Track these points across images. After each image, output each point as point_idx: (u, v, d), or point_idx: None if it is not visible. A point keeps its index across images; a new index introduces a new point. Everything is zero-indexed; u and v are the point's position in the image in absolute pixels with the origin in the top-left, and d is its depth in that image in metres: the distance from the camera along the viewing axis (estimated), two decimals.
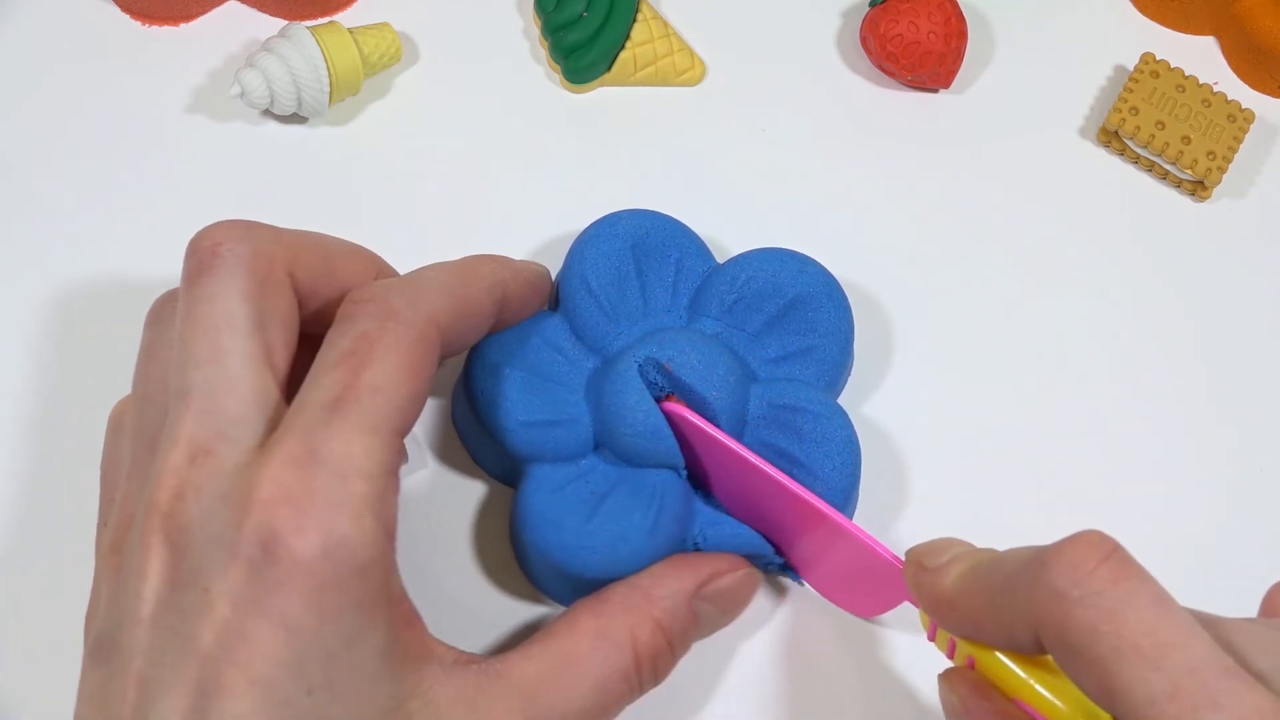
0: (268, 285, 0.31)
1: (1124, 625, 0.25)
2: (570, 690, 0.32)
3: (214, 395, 0.30)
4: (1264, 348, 0.44)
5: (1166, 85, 0.45)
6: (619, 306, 0.39)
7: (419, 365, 0.31)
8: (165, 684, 0.28)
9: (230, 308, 0.30)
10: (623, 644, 0.33)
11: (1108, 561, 0.26)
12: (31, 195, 0.44)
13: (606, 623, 0.33)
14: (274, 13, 0.47)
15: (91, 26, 0.46)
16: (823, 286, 0.40)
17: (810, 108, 0.47)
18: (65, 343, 0.42)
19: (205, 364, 0.30)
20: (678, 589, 0.34)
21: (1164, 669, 0.25)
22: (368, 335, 0.30)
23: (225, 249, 0.31)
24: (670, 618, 0.34)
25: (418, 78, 0.46)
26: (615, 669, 0.33)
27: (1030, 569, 0.27)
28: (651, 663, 0.33)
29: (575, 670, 0.32)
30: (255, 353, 0.30)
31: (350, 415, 0.29)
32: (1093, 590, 0.26)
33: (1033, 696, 0.28)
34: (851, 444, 0.38)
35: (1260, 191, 0.46)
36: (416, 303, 0.32)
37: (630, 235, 0.40)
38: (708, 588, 0.35)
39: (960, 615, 0.29)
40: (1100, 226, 0.46)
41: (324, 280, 0.33)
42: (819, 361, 0.39)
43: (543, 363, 0.38)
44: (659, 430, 0.37)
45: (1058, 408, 0.43)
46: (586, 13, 0.45)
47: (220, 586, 0.28)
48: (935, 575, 0.30)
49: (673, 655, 0.34)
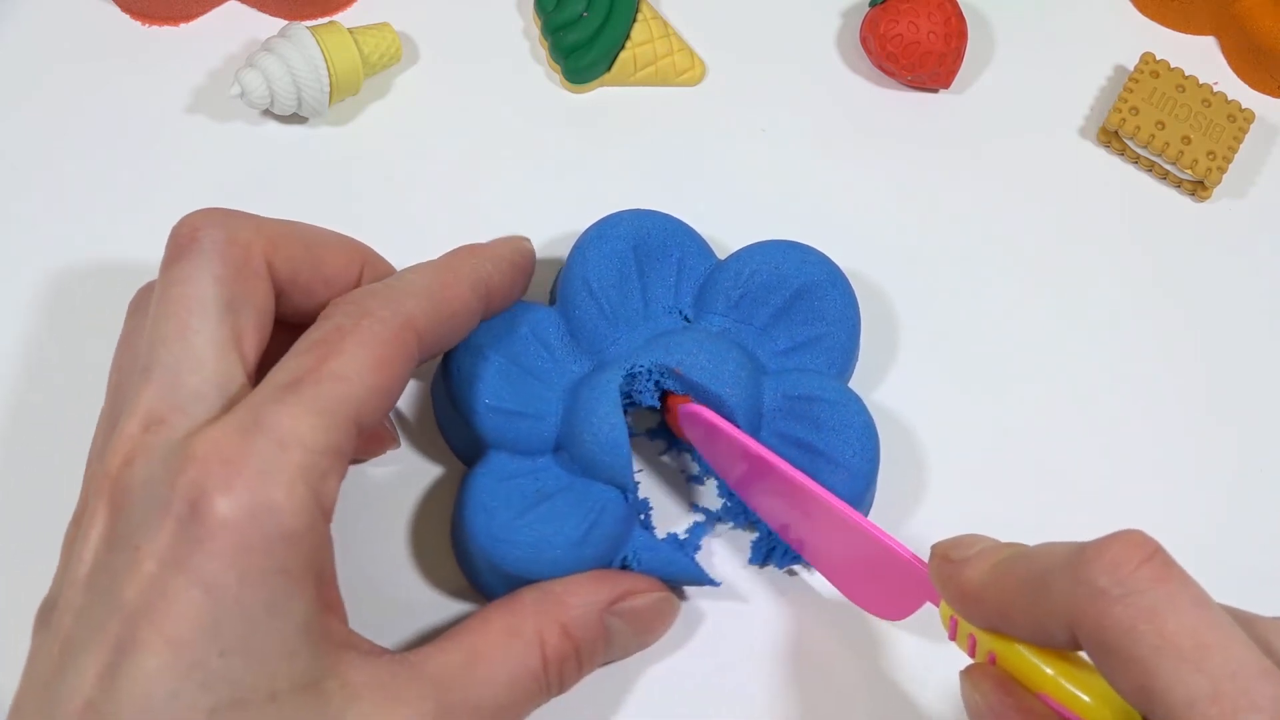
0: (242, 271, 0.32)
1: (1165, 625, 0.25)
2: (481, 683, 0.32)
3: (176, 371, 0.30)
4: (1264, 347, 0.44)
5: (1166, 85, 0.45)
6: (619, 310, 0.39)
7: (388, 363, 0.31)
8: (87, 642, 0.28)
9: (201, 290, 0.31)
10: (531, 643, 0.33)
11: (1150, 562, 0.26)
12: (31, 195, 0.44)
13: (517, 622, 0.33)
14: (274, 13, 0.47)
15: (91, 26, 0.46)
16: (827, 275, 0.40)
17: (810, 108, 0.47)
18: (65, 342, 0.42)
19: (171, 342, 0.31)
20: (590, 600, 0.34)
21: (1205, 671, 0.25)
22: (341, 328, 0.31)
23: (202, 234, 0.32)
24: (579, 626, 0.34)
25: (418, 78, 0.46)
26: (525, 667, 0.33)
27: (1069, 564, 0.27)
28: (558, 666, 0.33)
29: (486, 665, 0.32)
30: (222, 335, 0.31)
31: (304, 395, 0.29)
32: (1134, 589, 0.26)
33: (1057, 690, 0.28)
34: (870, 429, 0.38)
35: (1260, 191, 0.46)
36: (394, 304, 0.32)
37: (632, 236, 0.40)
38: (621, 604, 0.35)
39: (988, 608, 0.29)
40: (1100, 226, 0.46)
41: (306, 270, 0.33)
42: (829, 349, 0.40)
43: (526, 355, 0.39)
44: (618, 445, 0.37)
45: (1058, 407, 0.43)
46: (586, 13, 0.45)
47: (149, 544, 0.28)
48: (962, 567, 0.30)
49: (579, 665, 0.34)
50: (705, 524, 0.40)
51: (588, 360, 0.39)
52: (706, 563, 0.40)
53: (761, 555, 0.40)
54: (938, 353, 0.43)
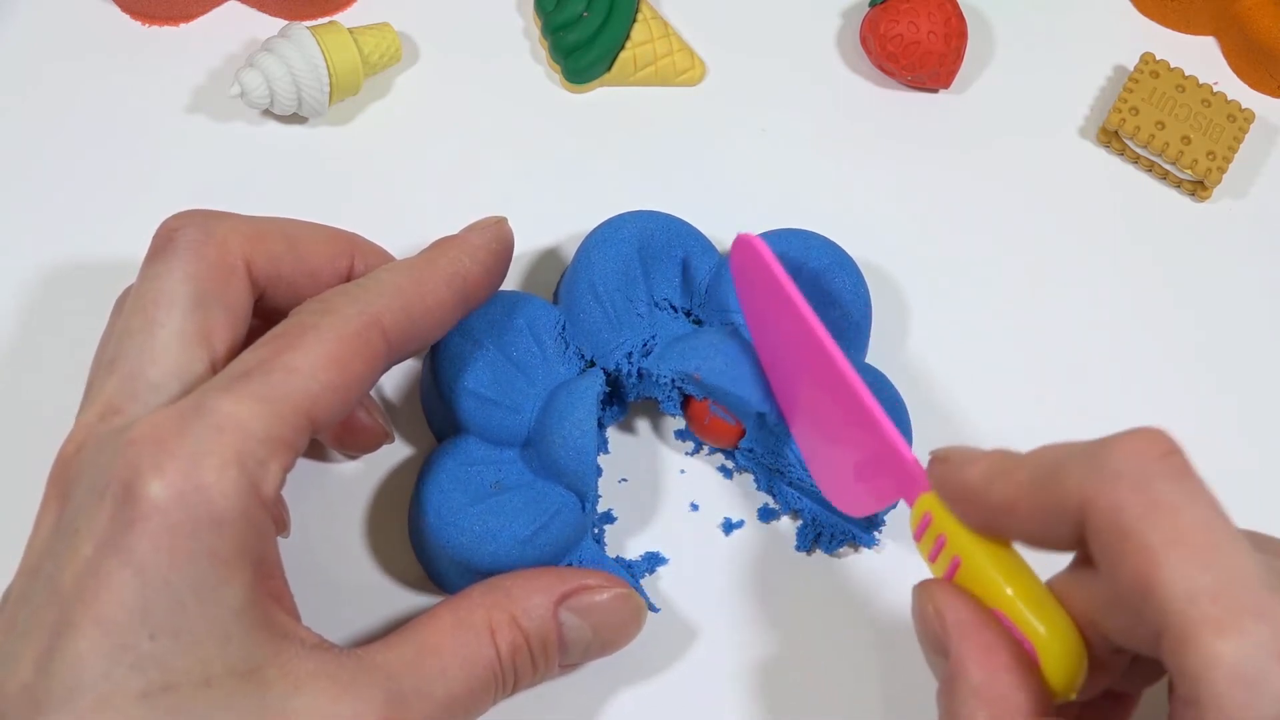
0: (217, 269, 0.32)
1: (1180, 518, 0.25)
2: (432, 674, 0.31)
3: (138, 363, 0.31)
4: (1264, 347, 0.44)
5: (1166, 85, 0.45)
6: (623, 314, 0.40)
7: (348, 360, 0.31)
8: (28, 628, 0.28)
9: (170, 285, 0.31)
10: (481, 634, 0.32)
11: (1171, 456, 0.26)
12: (31, 195, 0.44)
13: (465, 614, 0.33)
14: (274, 13, 0.47)
15: (92, 26, 0.46)
16: (833, 258, 0.40)
17: (810, 108, 0.47)
18: (65, 341, 0.42)
19: (136, 335, 0.31)
20: (539, 594, 0.34)
21: (1211, 569, 0.24)
22: (302, 324, 0.31)
23: (179, 234, 0.32)
24: (529, 619, 0.33)
25: (418, 78, 0.46)
26: (477, 656, 0.32)
27: (1087, 452, 0.27)
28: (510, 658, 0.33)
29: (436, 656, 0.32)
30: (188, 329, 0.31)
31: (252, 384, 0.29)
32: (1153, 477, 0.26)
33: (1013, 611, 0.28)
34: (899, 405, 0.39)
35: (1260, 191, 0.46)
36: (361, 303, 0.32)
37: (636, 237, 0.40)
38: (573, 600, 0.34)
39: (990, 501, 0.29)
40: (1100, 227, 0.46)
41: (289, 265, 0.33)
42: (844, 331, 0.40)
43: (517, 347, 0.39)
44: (584, 451, 0.37)
45: (1058, 408, 0.43)
46: (586, 13, 0.45)
47: (88, 527, 0.28)
48: (964, 465, 0.29)
49: (532, 660, 0.33)
50: (659, 557, 0.40)
51: (578, 363, 0.39)
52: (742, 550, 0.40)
53: (809, 541, 0.40)
54: (934, 351, 0.43)
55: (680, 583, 0.40)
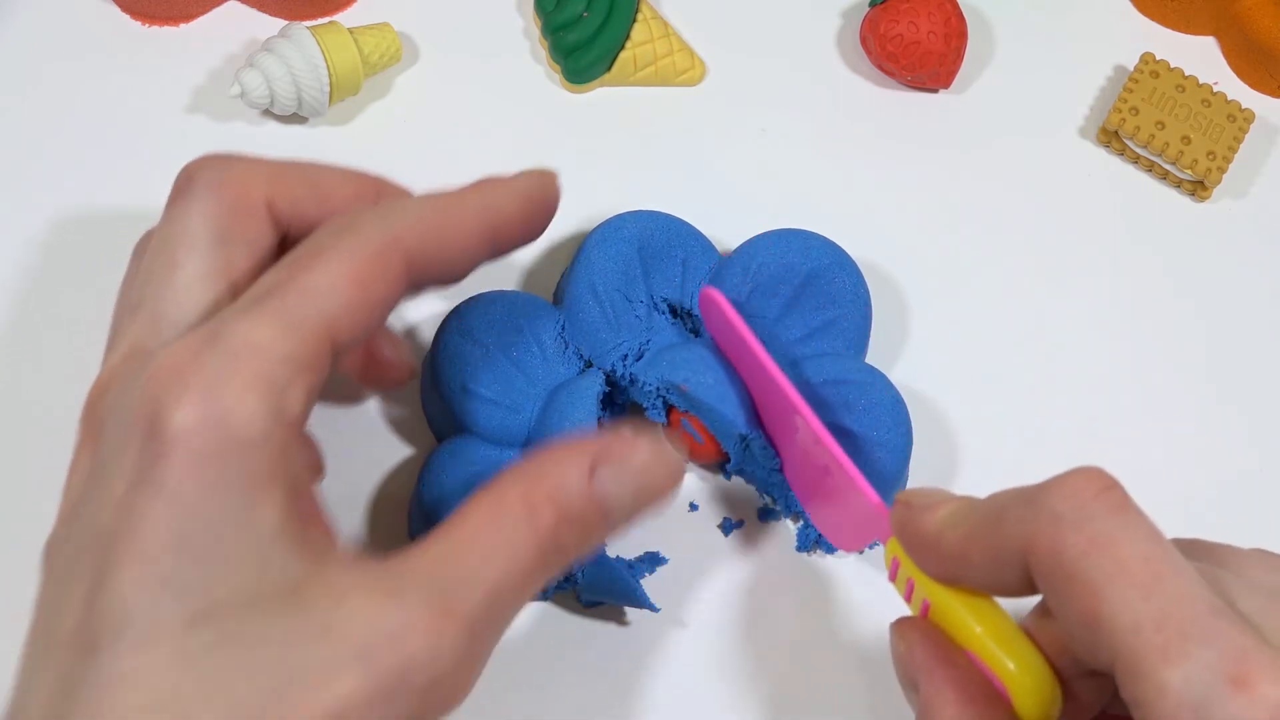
0: (236, 208, 0.32)
1: (1118, 552, 0.25)
2: (479, 562, 0.30)
3: (161, 303, 0.30)
4: (1265, 347, 0.44)
5: (1166, 85, 0.45)
6: (623, 315, 0.39)
7: (367, 280, 0.30)
8: (72, 572, 0.28)
9: (190, 226, 0.31)
10: (519, 513, 0.31)
11: (1108, 493, 0.26)
12: (31, 195, 0.44)
13: (499, 500, 0.31)
14: (274, 13, 0.47)
15: (92, 26, 0.46)
16: (833, 258, 0.40)
17: (810, 108, 0.47)
18: (65, 341, 0.42)
19: (159, 277, 0.31)
20: (572, 465, 0.32)
21: (1153, 598, 0.25)
22: (320, 244, 0.30)
23: (198, 176, 0.32)
24: (565, 493, 0.31)
25: (418, 78, 0.46)
26: (519, 538, 0.30)
27: (1026, 496, 0.27)
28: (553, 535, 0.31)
29: (479, 544, 0.30)
30: (210, 268, 0.31)
31: (268, 307, 0.29)
32: (1091, 516, 0.26)
33: (983, 650, 0.28)
34: (900, 404, 0.39)
35: (1260, 191, 0.46)
36: (382, 224, 0.31)
37: (637, 237, 0.40)
38: (606, 464, 0.32)
39: (943, 551, 0.29)
40: (1100, 227, 0.46)
41: (311, 205, 0.33)
42: (844, 330, 0.40)
43: (517, 347, 0.39)
44: None
45: (1057, 409, 0.43)
46: (586, 13, 0.45)
47: (118, 466, 0.28)
48: (923, 512, 0.30)
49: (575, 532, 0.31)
50: (659, 557, 0.40)
51: (578, 363, 0.39)
52: (741, 550, 0.40)
53: (809, 541, 0.40)
54: (937, 353, 0.43)
55: (680, 583, 0.40)
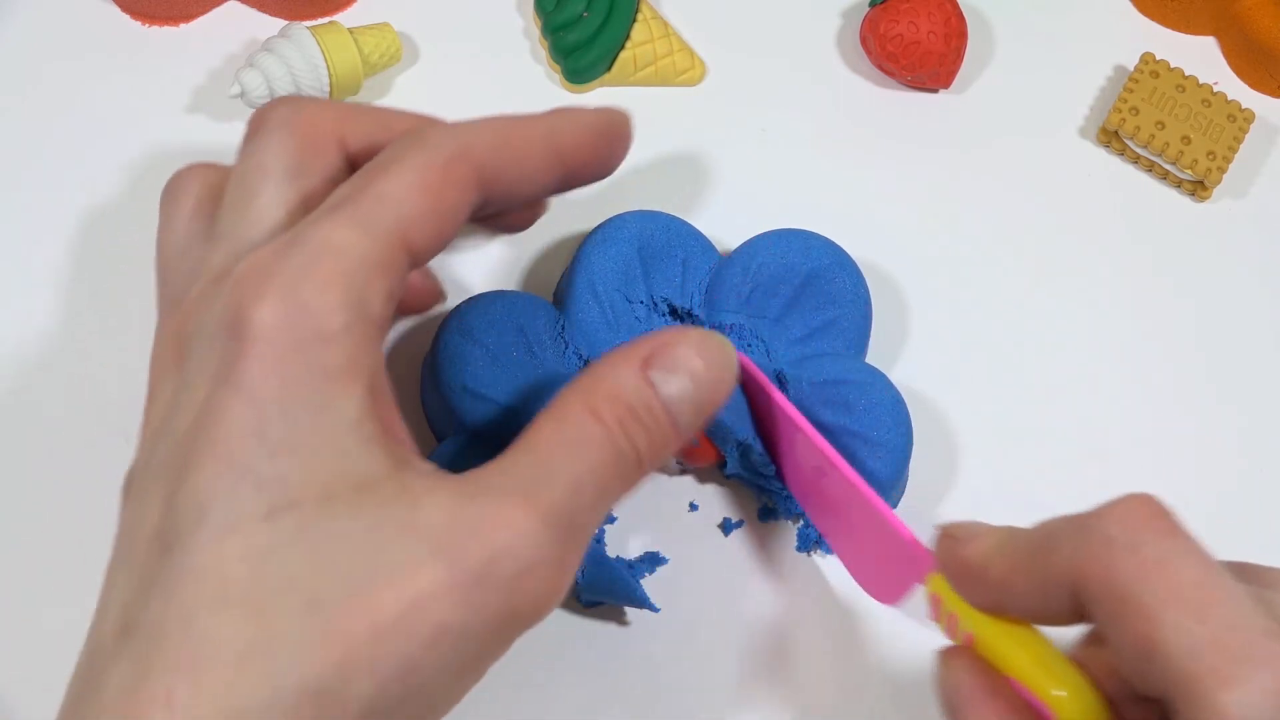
0: (309, 143, 0.32)
1: (1172, 577, 0.25)
2: (554, 461, 0.30)
3: (242, 232, 0.31)
4: (1264, 347, 0.44)
5: (1166, 85, 0.45)
6: (622, 316, 0.39)
7: (439, 187, 0.30)
8: (154, 481, 0.28)
9: (266, 159, 0.32)
10: (583, 418, 0.30)
11: (1160, 518, 0.27)
12: (30, 195, 0.44)
13: (560, 411, 0.31)
14: (274, 13, 0.47)
15: (91, 26, 0.46)
16: (833, 258, 0.40)
17: (810, 108, 0.47)
18: (66, 340, 0.42)
19: (238, 207, 0.31)
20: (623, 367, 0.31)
21: (1208, 622, 0.25)
22: (391, 155, 0.31)
23: (271, 114, 0.33)
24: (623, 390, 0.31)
25: (418, 78, 0.46)
26: (589, 437, 0.30)
27: (1077, 522, 0.27)
28: (622, 430, 0.30)
29: (548, 451, 0.30)
30: (287, 196, 0.31)
31: (344, 212, 0.29)
32: (1144, 541, 0.26)
33: (1030, 677, 0.28)
34: (900, 404, 0.39)
35: (1260, 191, 0.46)
36: (451, 135, 0.32)
37: (636, 238, 0.40)
38: (656, 360, 0.31)
39: (989, 580, 0.29)
40: (1100, 227, 0.46)
41: (381, 144, 0.33)
42: (844, 331, 0.40)
43: (518, 347, 0.39)
44: None
45: (1057, 409, 0.43)
46: (586, 13, 0.45)
47: (200, 373, 0.28)
48: (967, 542, 0.30)
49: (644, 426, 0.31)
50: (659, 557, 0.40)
51: (578, 363, 0.39)
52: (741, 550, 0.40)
53: (809, 541, 0.40)
54: (937, 353, 0.43)
55: (680, 583, 0.40)
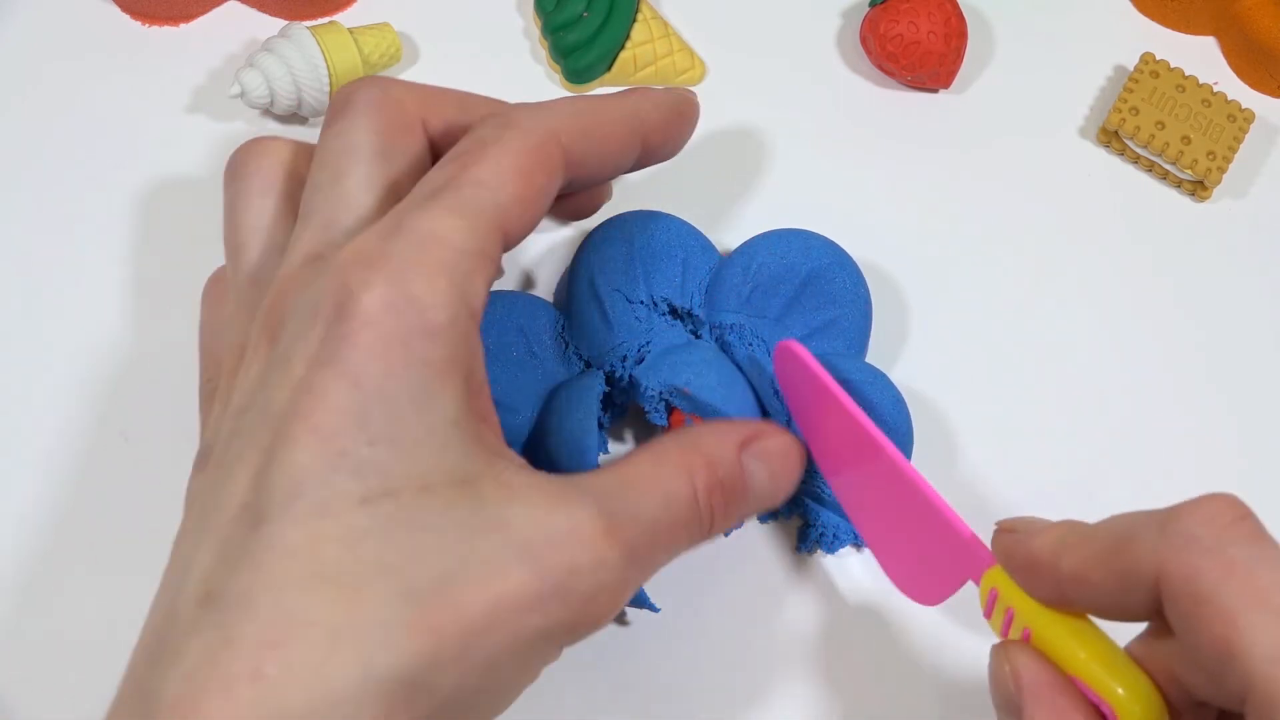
0: (396, 124, 0.32)
1: (1255, 579, 0.25)
2: (639, 500, 0.31)
3: (331, 212, 0.31)
4: (1264, 347, 0.44)
5: (1166, 85, 0.45)
6: (622, 316, 0.39)
7: (531, 171, 0.31)
8: (241, 454, 0.28)
9: (354, 140, 0.32)
10: (679, 471, 0.32)
11: (1244, 520, 0.27)
12: (30, 195, 0.44)
13: (662, 455, 0.32)
14: (274, 13, 0.47)
15: (91, 26, 0.46)
16: (833, 258, 0.40)
17: (810, 108, 0.47)
18: (66, 345, 0.42)
19: (326, 187, 0.31)
20: (727, 440, 0.33)
21: None
22: (483, 140, 0.31)
23: (357, 94, 0.33)
24: (720, 462, 0.33)
25: (418, 78, 0.46)
26: (678, 490, 0.31)
27: (1158, 519, 0.27)
28: (707, 497, 0.32)
29: (640, 487, 0.31)
30: (375, 177, 0.32)
31: (444, 199, 0.29)
32: (1229, 541, 0.26)
33: (1091, 675, 0.28)
34: (900, 404, 0.39)
35: (1260, 191, 0.46)
36: (538, 118, 0.32)
37: (637, 238, 0.40)
38: (753, 445, 0.34)
39: (1061, 573, 0.29)
40: (1100, 227, 0.46)
41: (461, 125, 0.34)
42: (844, 330, 0.40)
43: (517, 347, 0.39)
44: (586, 451, 0.36)
45: (1057, 410, 0.43)
46: (586, 13, 0.45)
47: (299, 351, 0.28)
48: (1031, 537, 0.30)
49: (725, 502, 0.33)
50: None
51: (578, 364, 0.39)
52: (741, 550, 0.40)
53: (809, 541, 0.40)
54: (937, 353, 0.43)
55: (680, 583, 0.40)
